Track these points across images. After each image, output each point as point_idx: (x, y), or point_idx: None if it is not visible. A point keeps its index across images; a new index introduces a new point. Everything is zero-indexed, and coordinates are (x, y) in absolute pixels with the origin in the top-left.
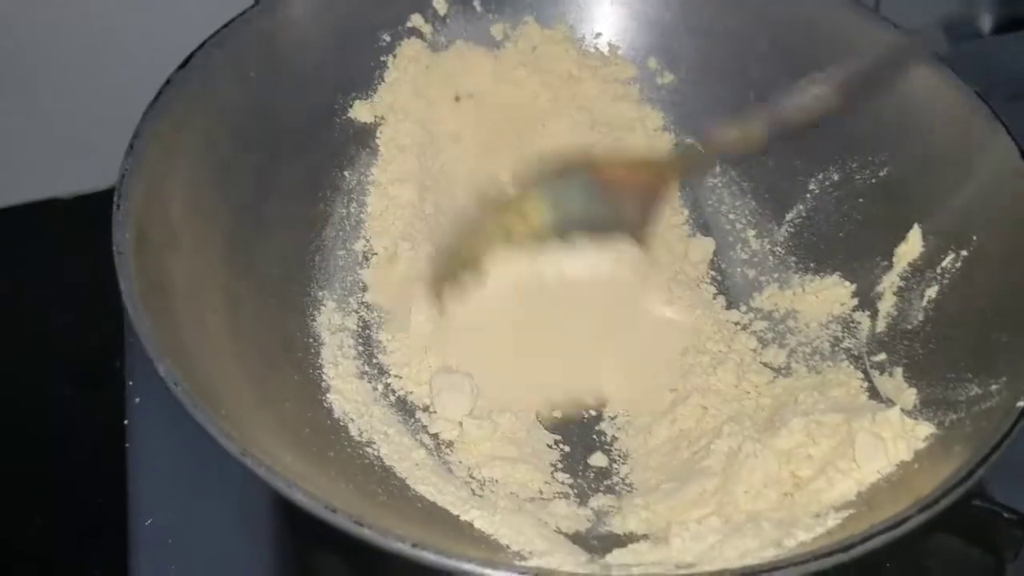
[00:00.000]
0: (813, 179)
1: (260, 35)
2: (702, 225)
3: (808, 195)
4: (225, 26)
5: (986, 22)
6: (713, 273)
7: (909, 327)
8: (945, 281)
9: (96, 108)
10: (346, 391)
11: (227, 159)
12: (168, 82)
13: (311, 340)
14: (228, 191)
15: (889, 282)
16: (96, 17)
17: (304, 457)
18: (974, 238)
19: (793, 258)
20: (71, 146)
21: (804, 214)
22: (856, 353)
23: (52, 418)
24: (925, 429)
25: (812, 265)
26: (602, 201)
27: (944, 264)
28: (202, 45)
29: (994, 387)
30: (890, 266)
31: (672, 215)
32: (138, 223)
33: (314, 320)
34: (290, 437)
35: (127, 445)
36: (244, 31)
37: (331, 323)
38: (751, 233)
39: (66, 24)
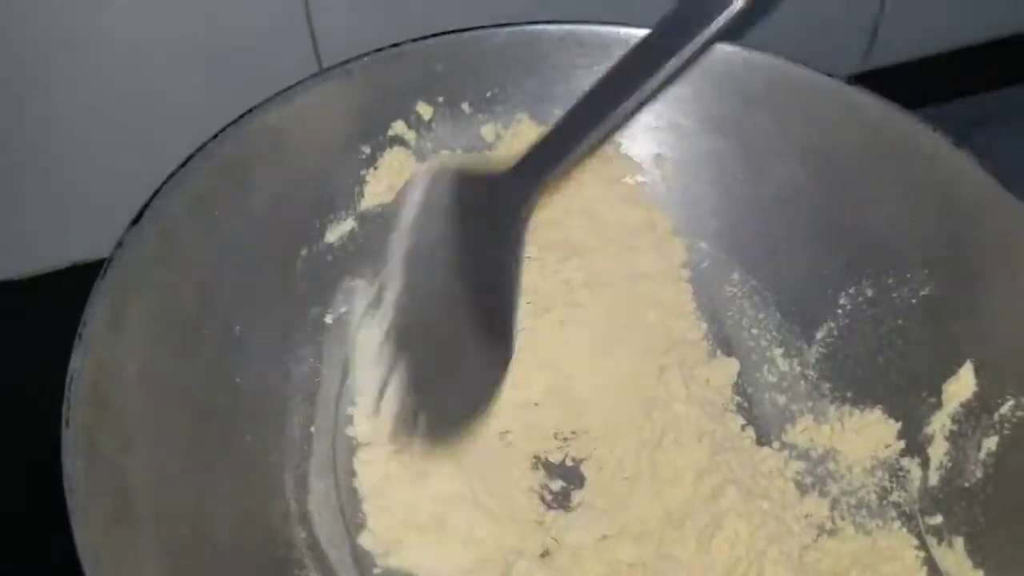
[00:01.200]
0: (844, 293)
1: (222, 169)
2: (722, 341)
3: (839, 311)
4: (182, 165)
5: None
6: (739, 399)
7: (967, 484)
8: (1006, 432)
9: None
10: None
11: (191, 322)
12: (120, 244)
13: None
14: (193, 360)
15: (939, 424)
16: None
17: None
18: None
19: (828, 384)
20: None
21: (836, 333)
22: (908, 511)
23: None
24: None
25: (850, 395)
26: None
27: (1003, 411)
28: (157, 191)
29: None
30: (939, 404)
31: (689, 330)
32: (89, 440)
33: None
34: None
35: None
36: (203, 167)
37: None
38: (778, 352)
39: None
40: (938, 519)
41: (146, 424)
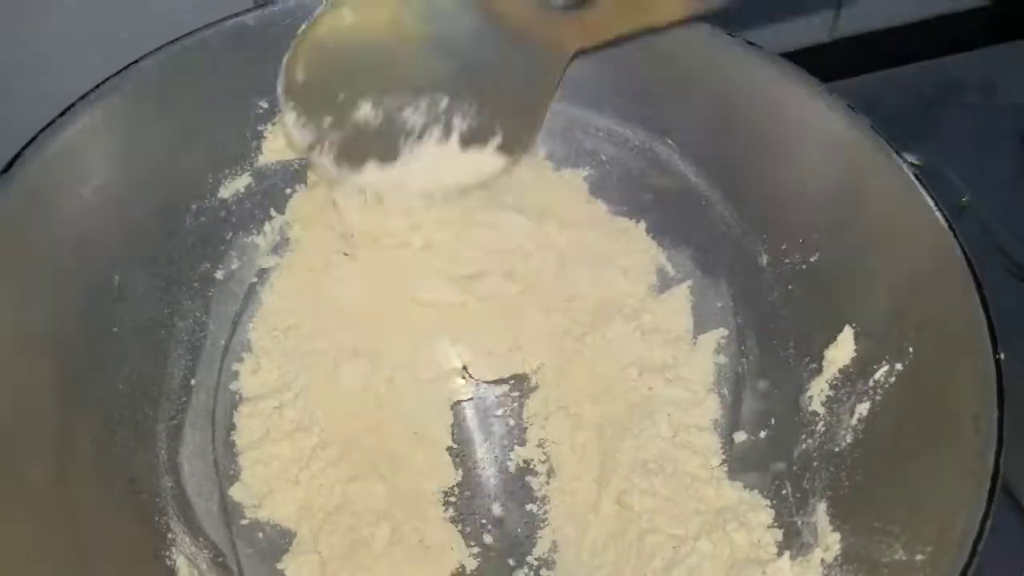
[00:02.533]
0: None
1: (103, 119)
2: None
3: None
4: (62, 113)
5: None
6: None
7: (836, 449)
8: (878, 398)
9: None
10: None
11: (65, 271)
12: None
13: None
14: (66, 309)
15: (817, 389)
16: None
17: None
18: (910, 351)
19: None
20: None
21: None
22: (776, 472)
23: None
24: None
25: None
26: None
27: (877, 376)
28: (34, 138)
29: (919, 557)
30: (819, 370)
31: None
32: None
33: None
34: None
35: None
36: (82, 117)
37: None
38: None
39: None
40: (805, 483)
41: (9, 366)
